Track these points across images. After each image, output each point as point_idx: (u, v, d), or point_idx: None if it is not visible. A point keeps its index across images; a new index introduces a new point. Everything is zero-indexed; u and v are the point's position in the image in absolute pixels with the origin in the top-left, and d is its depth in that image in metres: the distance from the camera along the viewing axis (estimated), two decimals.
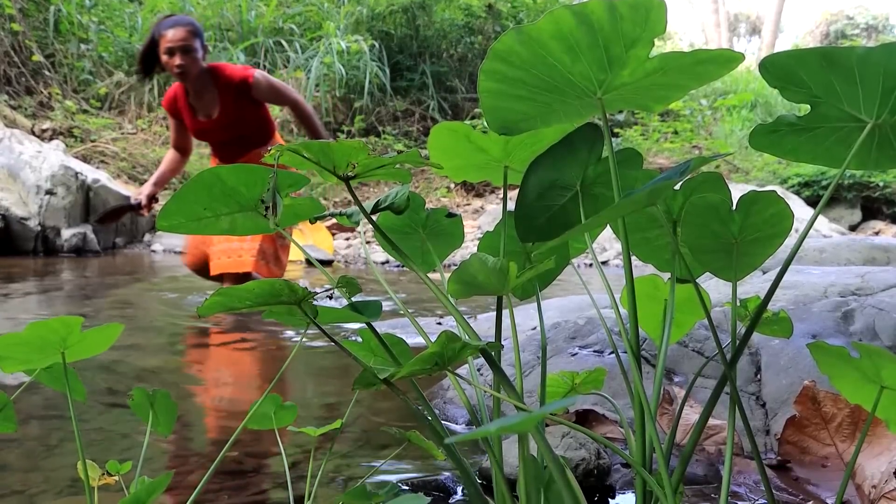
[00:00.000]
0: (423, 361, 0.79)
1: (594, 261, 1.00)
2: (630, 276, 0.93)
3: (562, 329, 2.28)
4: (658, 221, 1.07)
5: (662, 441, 1.15)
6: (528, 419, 0.39)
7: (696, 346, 2.06)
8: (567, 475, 0.80)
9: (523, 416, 0.40)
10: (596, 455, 1.53)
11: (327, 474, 1.61)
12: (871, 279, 2.43)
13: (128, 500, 0.88)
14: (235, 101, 4.52)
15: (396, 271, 7.75)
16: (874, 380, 0.87)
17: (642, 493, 0.86)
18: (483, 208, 12.27)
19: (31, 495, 1.52)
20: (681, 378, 2.00)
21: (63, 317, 0.91)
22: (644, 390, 0.87)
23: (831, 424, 1.65)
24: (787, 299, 2.35)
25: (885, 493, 1.40)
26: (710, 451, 1.69)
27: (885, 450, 1.50)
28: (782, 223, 0.95)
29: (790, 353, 1.95)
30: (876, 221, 11.58)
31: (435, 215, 1.23)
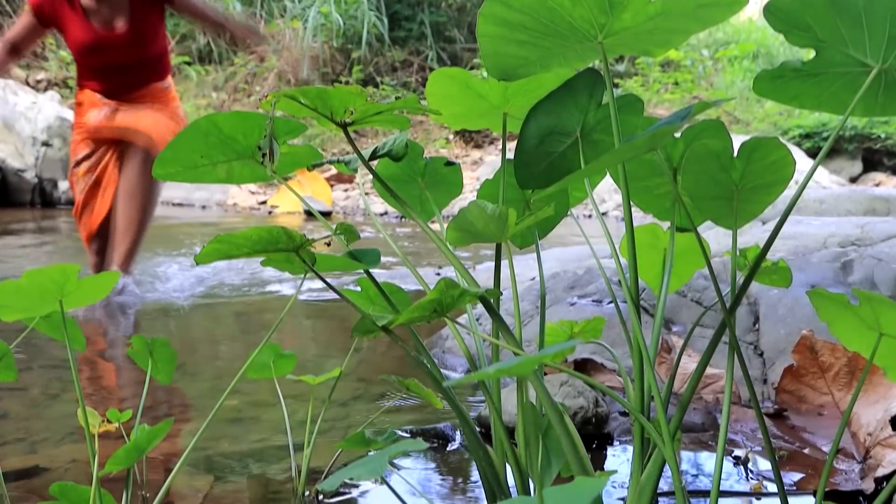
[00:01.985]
0: (421, 308, 0.79)
1: (594, 209, 0.99)
2: (630, 225, 0.92)
3: (561, 279, 2.28)
4: (658, 170, 1.06)
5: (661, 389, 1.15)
6: (526, 362, 0.39)
7: (695, 296, 2.06)
8: (565, 421, 0.81)
9: (521, 359, 0.39)
10: (594, 403, 1.54)
11: (326, 422, 1.62)
12: (870, 230, 2.42)
13: (128, 447, 0.88)
14: (149, 10, 3.40)
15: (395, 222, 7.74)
16: (873, 327, 0.86)
17: (640, 441, 0.87)
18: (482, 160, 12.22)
19: (33, 443, 1.53)
20: (679, 327, 2.00)
21: (60, 265, 0.90)
22: (643, 338, 0.87)
23: (828, 373, 1.66)
24: (786, 249, 2.35)
25: (880, 441, 1.41)
26: (707, 399, 1.71)
27: (881, 398, 1.51)
28: (784, 170, 0.94)
29: (788, 303, 1.95)
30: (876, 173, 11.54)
31: (433, 164, 1.22)
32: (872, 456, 1.40)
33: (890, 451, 1.37)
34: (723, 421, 0.83)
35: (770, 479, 1.37)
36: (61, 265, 0.90)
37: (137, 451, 0.90)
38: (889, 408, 1.46)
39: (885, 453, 1.37)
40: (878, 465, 1.34)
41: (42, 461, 1.43)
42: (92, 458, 0.88)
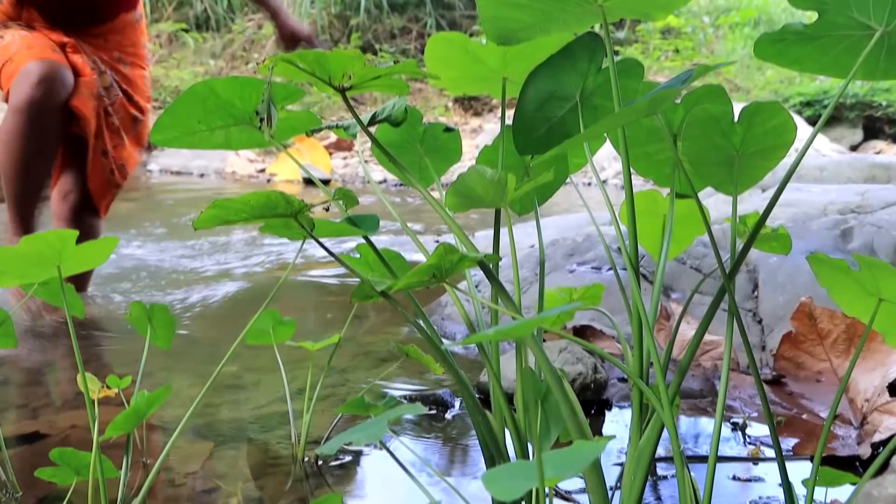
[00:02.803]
0: (420, 273, 0.79)
1: (594, 175, 0.99)
2: (630, 190, 0.92)
3: (560, 246, 2.28)
4: (658, 135, 1.05)
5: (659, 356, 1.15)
6: (524, 324, 0.39)
7: (694, 263, 2.06)
8: (564, 386, 0.81)
9: (520, 322, 0.39)
10: (593, 369, 1.54)
11: (326, 388, 1.63)
12: (871, 197, 2.42)
13: (128, 413, 0.89)
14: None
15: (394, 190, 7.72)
16: (873, 292, 0.86)
17: (639, 406, 0.87)
18: (481, 127, 12.17)
19: (34, 409, 1.54)
20: (678, 294, 2.00)
21: (58, 230, 0.90)
22: (642, 304, 0.87)
23: (827, 340, 1.66)
24: (786, 217, 2.35)
25: (877, 406, 1.42)
26: (706, 366, 1.71)
27: (879, 364, 1.51)
28: (785, 135, 0.93)
29: (788, 270, 1.95)
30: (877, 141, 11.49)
31: (432, 130, 1.21)
32: (869, 422, 1.40)
33: (887, 416, 1.37)
34: (721, 386, 0.83)
35: (767, 444, 1.38)
36: (59, 231, 0.89)
37: (137, 416, 0.90)
38: (887, 374, 1.46)
39: (881, 419, 1.37)
40: (874, 431, 1.34)
41: (42, 427, 1.43)
42: (92, 423, 0.88)
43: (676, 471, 0.78)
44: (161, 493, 1.18)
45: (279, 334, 1.39)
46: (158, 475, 1.05)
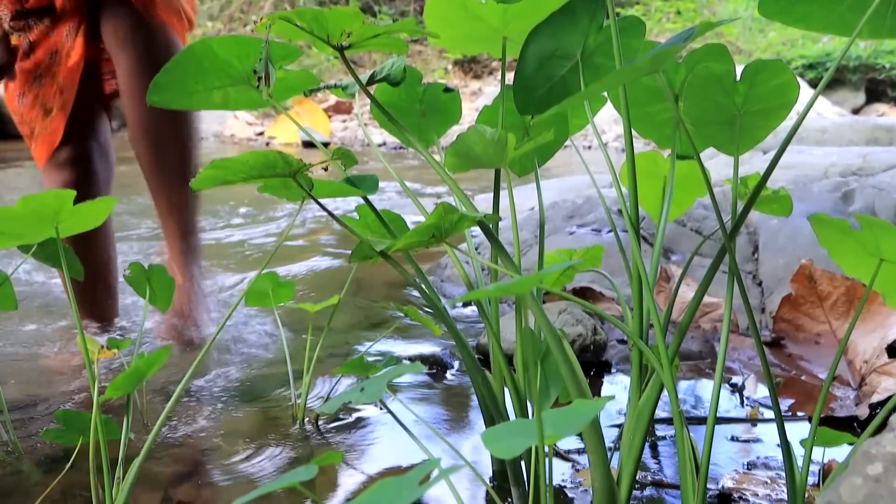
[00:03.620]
0: (420, 233, 0.78)
1: (595, 135, 0.98)
2: (631, 150, 0.91)
3: (559, 208, 2.27)
4: (659, 95, 1.04)
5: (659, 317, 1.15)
6: (525, 280, 0.38)
7: (694, 225, 2.06)
8: (565, 347, 0.81)
9: (520, 278, 0.39)
10: (592, 331, 1.54)
11: (325, 350, 1.63)
12: (872, 159, 2.41)
13: (128, 373, 0.89)
14: None
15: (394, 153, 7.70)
16: (873, 253, 0.86)
17: (638, 366, 0.87)
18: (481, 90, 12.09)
19: (33, 371, 1.54)
20: (678, 257, 2.00)
21: (55, 190, 0.89)
22: (643, 263, 0.86)
23: (826, 302, 1.66)
24: (786, 179, 2.34)
25: (875, 368, 1.42)
26: (705, 328, 1.71)
27: (879, 326, 1.52)
28: (788, 94, 0.92)
29: (788, 233, 1.95)
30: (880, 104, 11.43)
31: (432, 90, 1.20)
32: (868, 383, 1.41)
33: (885, 377, 1.38)
34: (721, 347, 0.83)
35: (766, 405, 1.38)
36: (56, 190, 0.89)
37: (137, 377, 0.90)
38: (886, 336, 1.47)
39: (880, 380, 1.38)
40: (873, 392, 1.35)
41: (42, 390, 1.44)
42: (92, 383, 0.88)
43: (676, 431, 0.78)
44: (163, 453, 1.19)
45: (279, 296, 1.39)
46: (160, 435, 1.05)
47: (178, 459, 1.17)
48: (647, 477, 1.11)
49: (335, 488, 1.10)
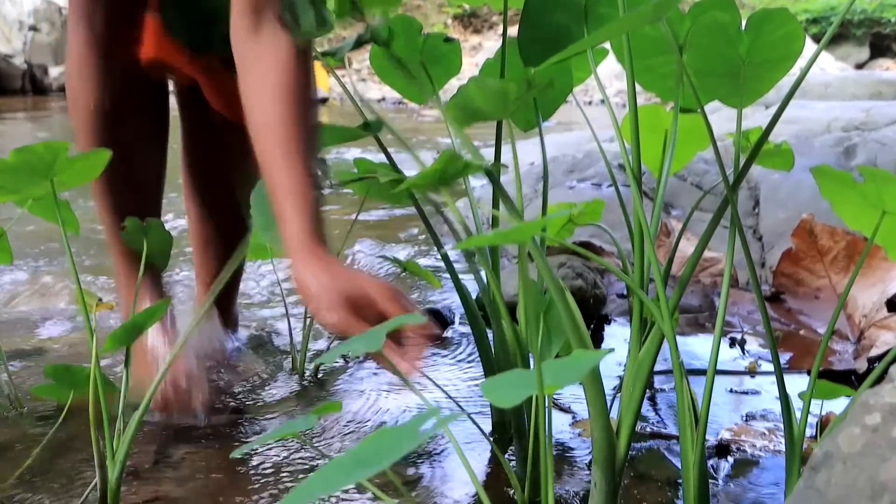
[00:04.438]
0: (426, 177, 0.78)
1: (598, 87, 0.97)
2: (633, 101, 0.90)
3: (560, 162, 2.26)
4: (663, 47, 1.03)
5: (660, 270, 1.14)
6: (526, 227, 0.38)
7: (695, 180, 2.05)
8: (567, 298, 0.80)
9: (521, 225, 0.38)
10: (592, 285, 1.54)
11: None
12: (875, 114, 2.39)
13: (126, 325, 0.88)
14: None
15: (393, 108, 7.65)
16: (876, 205, 0.85)
17: (639, 318, 0.87)
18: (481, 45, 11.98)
19: (32, 324, 1.55)
20: (678, 211, 2.00)
21: (48, 142, 0.88)
22: (644, 214, 0.86)
23: (826, 257, 1.66)
24: (789, 134, 2.32)
25: (875, 322, 1.43)
26: (704, 282, 1.71)
27: (879, 281, 1.51)
28: (793, 44, 0.91)
29: (789, 187, 1.94)
30: (884, 59, 11.32)
31: (432, 40, 1.18)
32: (867, 337, 1.41)
33: (884, 331, 1.38)
34: (721, 299, 0.82)
35: (764, 359, 1.39)
36: (49, 142, 0.87)
37: (136, 329, 0.90)
38: (886, 290, 1.46)
39: (879, 334, 1.38)
40: (871, 346, 1.35)
41: (42, 343, 1.44)
42: (90, 336, 0.88)
43: (675, 381, 0.78)
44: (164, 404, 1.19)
45: (278, 250, 1.39)
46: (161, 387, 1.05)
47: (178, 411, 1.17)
48: (647, 429, 1.12)
49: (334, 438, 1.10)
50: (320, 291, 0.79)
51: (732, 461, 1.03)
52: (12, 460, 1.01)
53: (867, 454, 0.60)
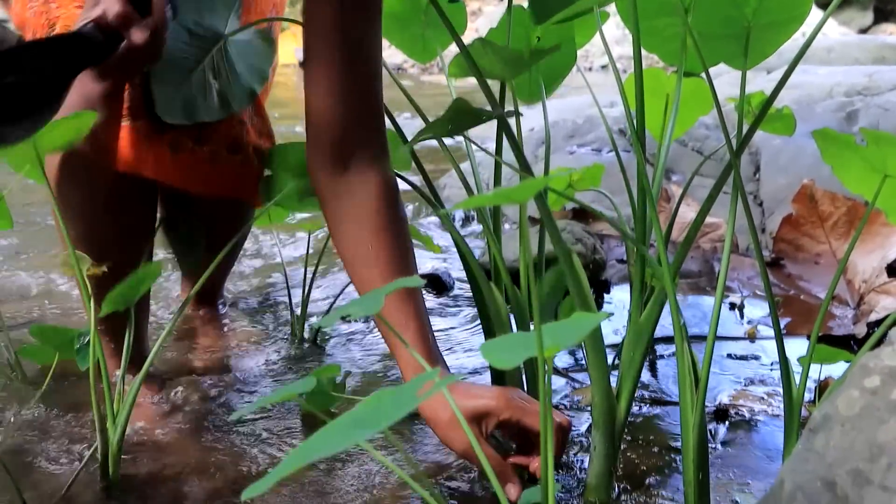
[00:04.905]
0: (437, 126, 0.77)
1: (605, 47, 0.95)
2: (639, 62, 0.89)
3: (560, 127, 2.25)
4: (668, 8, 1.01)
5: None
6: (529, 184, 0.37)
7: (696, 146, 2.04)
8: (573, 260, 0.80)
9: (523, 183, 0.38)
10: (592, 250, 1.54)
11: (324, 265, 1.63)
12: (878, 78, 2.37)
13: (123, 287, 0.88)
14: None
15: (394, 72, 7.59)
16: (878, 168, 0.85)
17: (640, 281, 0.86)
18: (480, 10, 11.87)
19: (30, 288, 1.54)
20: (679, 177, 1.99)
21: None
22: (647, 176, 0.85)
23: (827, 223, 1.65)
24: (790, 99, 2.31)
25: (874, 287, 1.43)
26: (705, 248, 1.71)
27: (879, 247, 1.51)
28: (800, 7, 0.90)
29: (790, 153, 1.93)
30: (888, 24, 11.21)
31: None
32: (866, 302, 1.41)
33: (884, 296, 1.38)
34: (723, 264, 0.82)
35: (764, 324, 1.39)
36: None
37: (133, 291, 0.89)
38: (886, 255, 1.46)
39: (879, 299, 1.38)
40: (870, 311, 1.35)
41: (43, 309, 1.44)
42: (86, 301, 0.87)
43: (676, 344, 0.78)
44: (162, 368, 1.19)
45: (277, 215, 1.38)
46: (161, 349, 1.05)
47: (178, 374, 1.18)
48: (646, 394, 1.12)
49: (334, 399, 1.11)
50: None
51: (731, 425, 1.04)
52: (12, 425, 1.02)
53: (866, 416, 0.60)
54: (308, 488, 0.89)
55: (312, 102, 0.90)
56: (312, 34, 0.89)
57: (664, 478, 0.91)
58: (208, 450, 0.98)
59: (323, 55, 0.88)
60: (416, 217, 2.12)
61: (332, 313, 0.66)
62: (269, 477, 0.44)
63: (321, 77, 0.89)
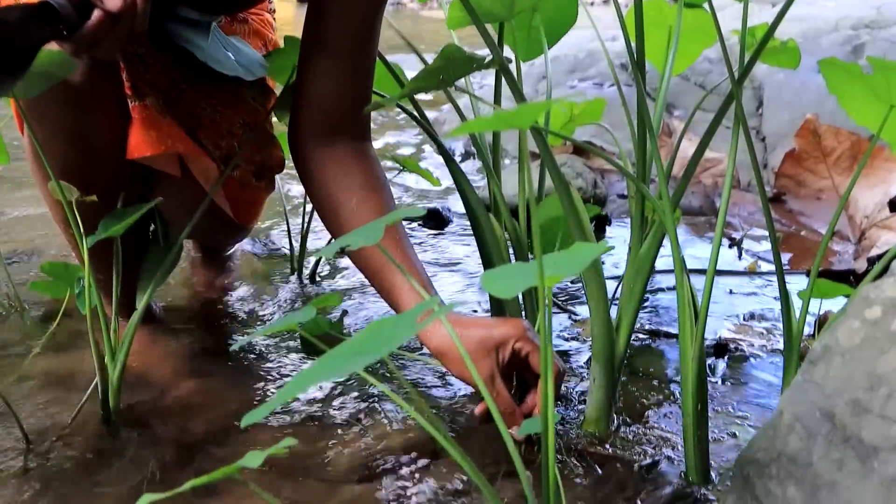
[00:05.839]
0: (428, 76, 0.75)
1: None
2: None
3: (560, 62, 2.22)
4: None
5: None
6: (529, 108, 0.36)
7: (699, 80, 2.01)
8: (572, 193, 0.79)
9: (522, 106, 0.37)
10: (592, 185, 1.53)
11: None
12: (886, 11, 2.33)
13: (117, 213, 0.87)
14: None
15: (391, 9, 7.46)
16: (885, 99, 0.83)
17: (640, 214, 0.86)
18: None
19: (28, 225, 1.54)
20: (681, 112, 1.97)
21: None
22: (647, 108, 0.84)
23: (830, 157, 1.64)
24: (795, 32, 2.27)
25: (876, 222, 1.42)
26: (706, 183, 1.70)
27: (881, 182, 1.50)
28: None
29: (794, 87, 1.91)
30: None
31: None
32: (867, 237, 1.41)
33: (885, 231, 1.37)
34: (723, 198, 0.81)
35: (764, 259, 1.39)
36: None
37: (122, 219, 0.88)
38: (888, 191, 1.45)
39: (880, 234, 1.38)
40: (871, 246, 1.35)
41: (40, 243, 1.43)
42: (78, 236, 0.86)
43: (676, 276, 0.77)
44: (162, 303, 1.19)
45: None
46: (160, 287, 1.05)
47: (178, 309, 1.18)
48: (646, 326, 1.13)
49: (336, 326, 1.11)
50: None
51: (730, 360, 1.04)
52: (12, 360, 1.02)
53: (866, 347, 0.60)
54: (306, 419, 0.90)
55: (312, 84, 0.92)
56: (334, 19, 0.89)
57: (663, 410, 0.92)
58: (209, 382, 0.98)
59: (337, 44, 0.90)
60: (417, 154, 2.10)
61: (332, 244, 0.66)
62: (268, 404, 0.44)
63: (330, 64, 0.91)
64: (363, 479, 0.79)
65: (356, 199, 0.90)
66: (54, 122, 0.88)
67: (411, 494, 0.76)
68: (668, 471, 0.80)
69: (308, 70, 0.92)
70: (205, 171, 1.01)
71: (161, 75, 0.95)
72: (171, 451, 0.84)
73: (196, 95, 0.99)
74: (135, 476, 0.79)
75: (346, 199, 0.91)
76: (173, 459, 0.82)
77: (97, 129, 0.92)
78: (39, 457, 0.82)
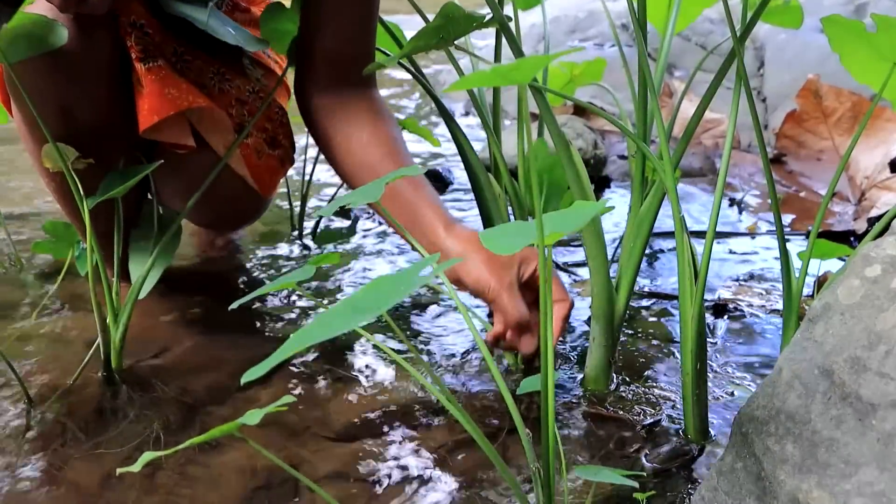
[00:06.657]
0: (426, 36, 0.75)
1: None
2: None
3: (561, 22, 2.20)
4: None
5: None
6: (529, 62, 0.36)
7: (700, 40, 2.00)
8: (572, 152, 0.79)
9: (522, 61, 0.36)
10: (593, 145, 1.52)
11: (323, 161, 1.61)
12: None
13: (115, 174, 0.87)
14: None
15: None
16: (888, 57, 0.82)
17: (640, 173, 0.85)
18: None
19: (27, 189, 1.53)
20: (682, 72, 1.95)
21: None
22: (648, 66, 0.83)
23: (831, 118, 1.63)
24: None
25: (876, 183, 1.42)
26: (706, 144, 1.69)
27: (882, 142, 1.49)
28: None
29: (796, 48, 1.89)
30: None
31: None
32: (867, 198, 1.40)
33: (885, 192, 1.37)
34: (724, 158, 0.81)
35: (764, 220, 1.38)
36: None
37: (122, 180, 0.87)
38: (889, 151, 1.45)
39: (880, 195, 1.37)
40: (871, 207, 1.34)
41: (38, 203, 1.43)
42: (78, 198, 0.85)
43: (676, 235, 0.77)
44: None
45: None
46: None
47: (178, 269, 1.18)
48: (646, 288, 1.13)
49: (333, 288, 1.11)
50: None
51: (730, 320, 1.04)
52: (13, 319, 1.02)
53: (865, 305, 0.60)
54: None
55: (314, 35, 0.94)
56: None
57: (662, 369, 0.92)
58: (210, 342, 0.98)
59: (347, 7, 0.92)
60: (416, 112, 2.09)
61: (333, 202, 0.65)
62: (268, 361, 0.44)
63: (339, 24, 0.93)
64: (364, 436, 0.79)
65: (366, 136, 0.92)
66: (42, 95, 0.84)
67: (412, 451, 0.77)
68: (668, 429, 0.80)
69: (309, 22, 0.94)
70: (223, 135, 0.99)
71: (164, 45, 0.93)
72: (173, 410, 0.84)
73: (202, 64, 0.98)
74: (137, 435, 0.80)
75: (356, 141, 0.92)
76: (175, 419, 0.83)
77: (86, 102, 0.89)
78: (41, 416, 0.82)
